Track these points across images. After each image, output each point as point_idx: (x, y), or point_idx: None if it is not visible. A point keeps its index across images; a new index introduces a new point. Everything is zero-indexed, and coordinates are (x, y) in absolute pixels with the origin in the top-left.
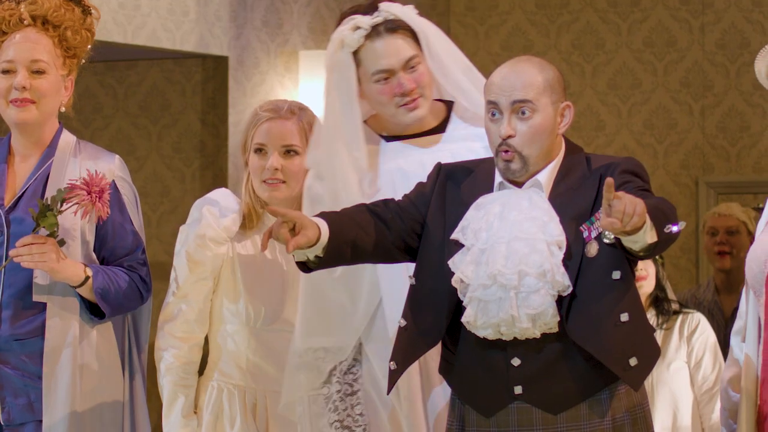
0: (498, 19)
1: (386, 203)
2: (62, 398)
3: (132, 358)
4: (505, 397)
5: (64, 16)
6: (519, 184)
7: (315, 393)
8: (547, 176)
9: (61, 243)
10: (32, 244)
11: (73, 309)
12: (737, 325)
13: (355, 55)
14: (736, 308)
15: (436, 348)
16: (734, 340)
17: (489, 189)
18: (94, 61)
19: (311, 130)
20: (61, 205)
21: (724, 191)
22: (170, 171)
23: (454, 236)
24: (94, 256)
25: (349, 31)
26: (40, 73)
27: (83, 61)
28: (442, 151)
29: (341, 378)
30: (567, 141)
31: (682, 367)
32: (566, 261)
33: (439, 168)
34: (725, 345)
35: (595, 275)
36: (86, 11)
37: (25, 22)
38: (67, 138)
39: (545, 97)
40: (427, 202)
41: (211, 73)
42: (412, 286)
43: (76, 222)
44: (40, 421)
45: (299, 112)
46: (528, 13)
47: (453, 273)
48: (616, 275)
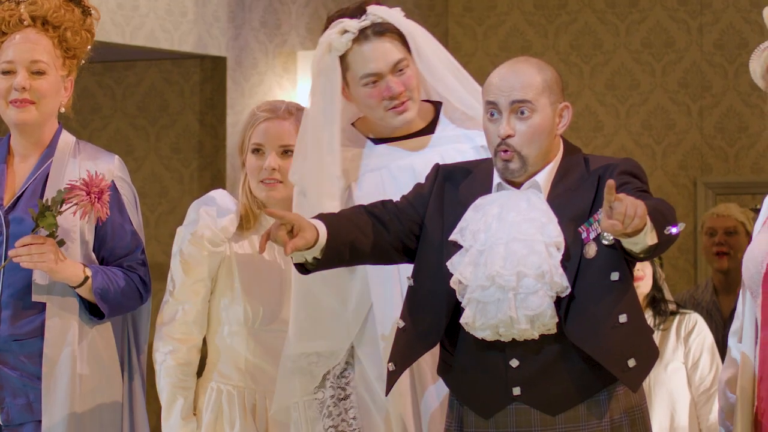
0: (496, 19)
1: (384, 204)
2: (61, 399)
3: (131, 358)
4: (503, 399)
5: (64, 17)
6: (517, 185)
7: (310, 398)
8: (545, 177)
9: (61, 243)
10: (31, 244)
11: (73, 309)
12: (734, 325)
13: (343, 58)
14: (735, 309)
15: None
16: (732, 341)
17: (487, 190)
18: (93, 62)
19: None
20: (61, 206)
21: (723, 192)
22: (168, 171)
23: (452, 237)
24: (94, 257)
25: (337, 34)
26: (39, 73)
27: (82, 62)
28: (431, 153)
29: (335, 382)
30: (565, 142)
31: (680, 367)
32: (565, 262)
33: (437, 169)
34: (724, 346)
35: (594, 276)
36: (86, 12)
37: (25, 23)
38: (67, 138)
39: (544, 98)
40: (425, 203)
41: (210, 74)
42: (410, 287)
43: (75, 222)
44: (39, 421)
45: (297, 113)
46: (526, 13)
47: (451, 274)
48: (615, 276)
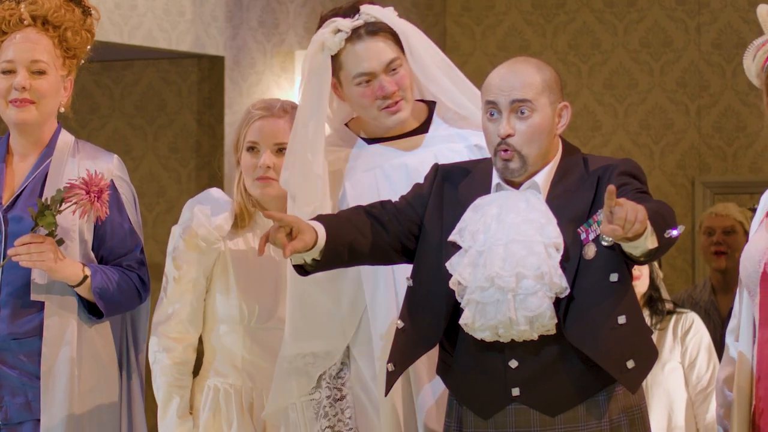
0: (494, 19)
1: (383, 205)
2: (60, 397)
3: (129, 357)
4: (502, 399)
5: (65, 17)
6: (516, 185)
7: (307, 399)
8: (544, 178)
9: (60, 242)
10: (31, 243)
11: (72, 308)
12: (732, 324)
13: (336, 58)
14: (733, 308)
15: None
16: (729, 339)
17: (486, 190)
18: (90, 61)
19: None
20: (60, 205)
21: (721, 191)
22: (166, 171)
23: (451, 238)
24: (93, 256)
25: (330, 33)
26: (40, 73)
27: (82, 62)
28: (424, 152)
29: (330, 383)
30: (564, 142)
31: (677, 367)
32: (564, 263)
33: (436, 169)
34: (722, 345)
35: (593, 277)
36: (86, 12)
37: (25, 22)
38: (66, 138)
39: (544, 97)
40: (424, 203)
41: (207, 73)
42: (409, 287)
43: (74, 221)
44: (38, 420)
45: (291, 111)
46: (524, 13)
47: (450, 275)
48: (614, 278)
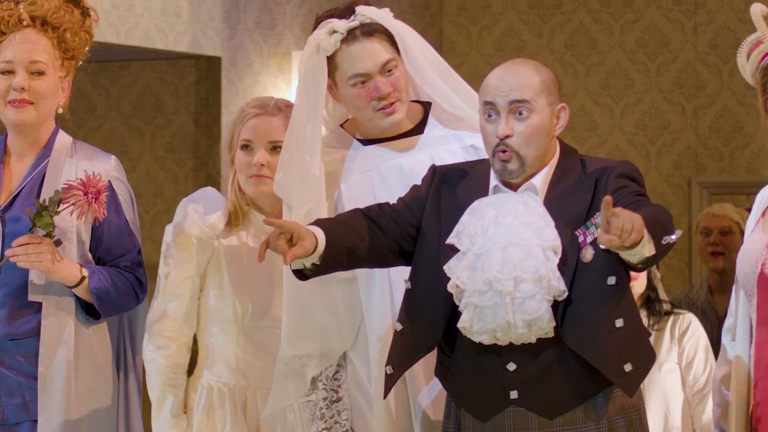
0: (491, 19)
1: (381, 207)
2: (57, 398)
3: (126, 358)
4: (500, 402)
5: (64, 18)
6: (514, 187)
7: (304, 400)
8: (541, 180)
9: (57, 243)
10: (28, 243)
11: (69, 309)
12: (728, 322)
13: (332, 58)
14: None
15: None
16: (725, 338)
17: (484, 192)
18: (88, 62)
19: None
20: (58, 206)
21: (717, 192)
22: (163, 171)
23: (449, 241)
24: (90, 257)
25: (326, 34)
26: (39, 74)
27: (80, 63)
28: (420, 153)
29: (327, 384)
30: (562, 143)
31: (674, 368)
32: (561, 266)
33: (433, 170)
34: (719, 345)
35: (591, 280)
36: (85, 13)
37: (25, 23)
38: (63, 138)
39: (542, 98)
40: (422, 205)
41: (204, 74)
42: (407, 290)
43: (72, 222)
44: (35, 420)
45: (286, 109)
46: (521, 13)
47: (449, 278)
48: (611, 281)
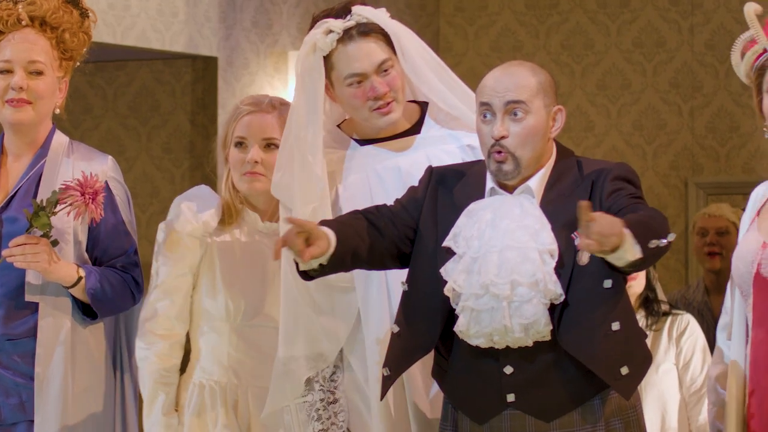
0: (487, 19)
1: (379, 209)
2: (54, 398)
3: (123, 358)
4: (497, 405)
5: (63, 18)
6: (510, 189)
7: (300, 401)
8: (538, 182)
9: (54, 243)
10: (25, 244)
11: (66, 309)
12: (723, 320)
13: (328, 58)
14: None
15: None
16: (720, 337)
17: (480, 194)
18: (84, 62)
19: None
20: (55, 206)
21: (714, 192)
22: (160, 172)
23: (445, 244)
24: (87, 257)
25: (322, 34)
26: (37, 74)
27: (77, 64)
28: (417, 153)
29: (324, 386)
30: (558, 145)
31: (671, 369)
32: (558, 269)
33: (430, 172)
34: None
35: (587, 283)
36: (84, 14)
37: (23, 23)
38: (60, 139)
39: (538, 100)
40: (419, 207)
41: (201, 74)
42: (404, 292)
43: (69, 223)
44: (32, 420)
45: (280, 107)
46: (517, 13)
47: (445, 280)
48: (608, 284)
